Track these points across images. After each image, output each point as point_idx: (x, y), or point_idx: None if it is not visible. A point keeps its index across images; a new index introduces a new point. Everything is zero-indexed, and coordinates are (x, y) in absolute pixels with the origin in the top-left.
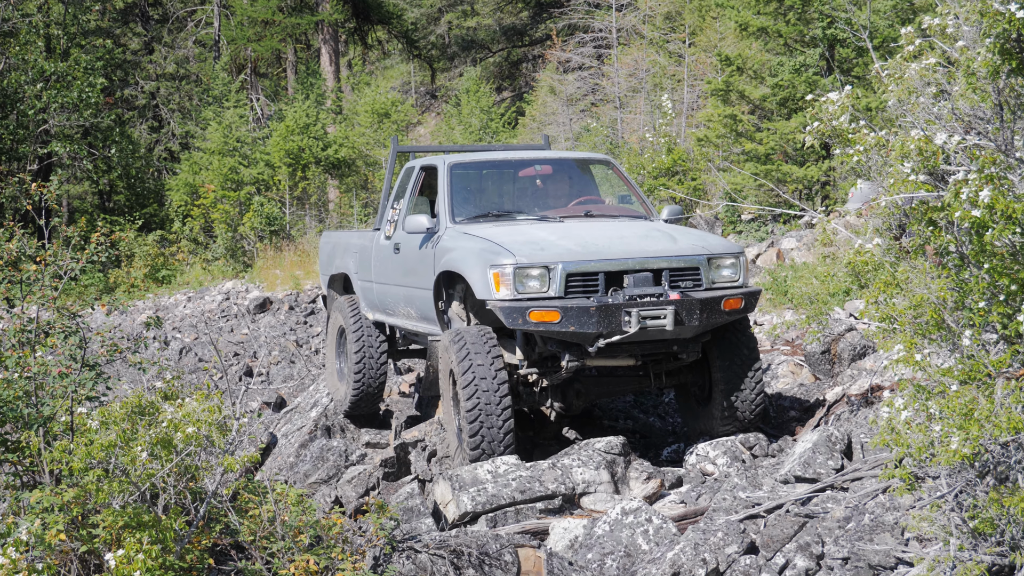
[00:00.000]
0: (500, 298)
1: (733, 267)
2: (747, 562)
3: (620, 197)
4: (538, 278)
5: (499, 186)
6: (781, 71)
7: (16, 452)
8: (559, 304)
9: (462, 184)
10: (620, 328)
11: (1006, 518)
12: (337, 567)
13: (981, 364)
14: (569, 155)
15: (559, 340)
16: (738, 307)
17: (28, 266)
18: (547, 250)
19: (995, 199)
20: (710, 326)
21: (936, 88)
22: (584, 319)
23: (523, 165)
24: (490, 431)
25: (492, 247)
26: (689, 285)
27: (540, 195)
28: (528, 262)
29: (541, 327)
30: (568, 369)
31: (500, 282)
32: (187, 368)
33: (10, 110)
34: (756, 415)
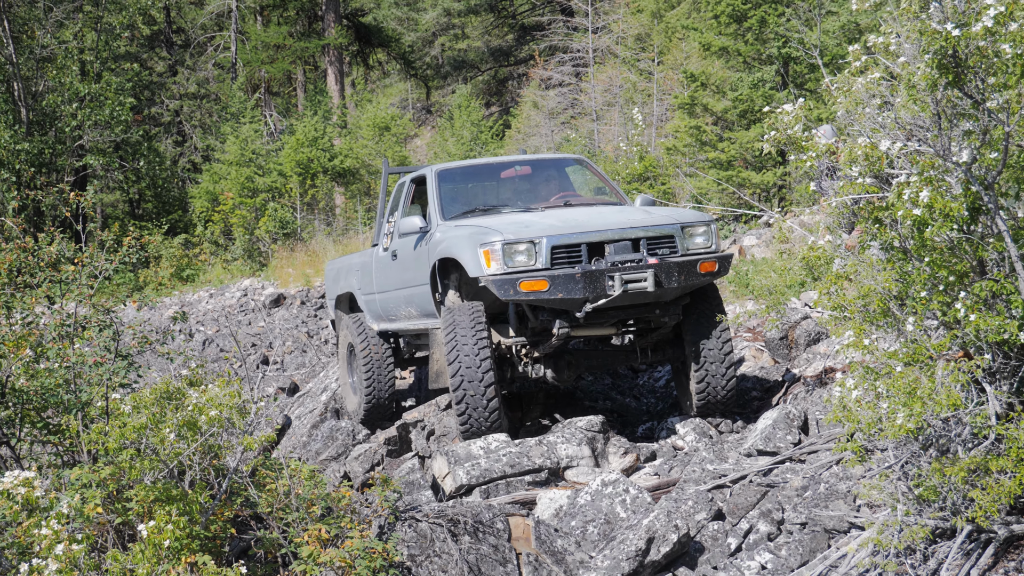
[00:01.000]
0: (491, 273)
1: (705, 235)
2: (715, 527)
3: (596, 190)
4: (525, 252)
5: (484, 187)
6: (741, 86)
7: (57, 434)
8: (547, 274)
9: (450, 187)
10: (605, 292)
11: (947, 486)
12: (346, 535)
13: (923, 348)
14: (546, 156)
15: (549, 309)
16: (713, 269)
17: (67, 267)
18: (532, 228)
19: (934, 199)
20: (689, 288)
21: (880, 100)
22: (571, 285)
23: (504, 167)
24: (476, 410)
25: (481, 230)
26: (666, 252)
27: (522, 191)
28: (515, 238)
29: (531, 296)
30: (559, 336)
31: (490, 258)
32: (210, 358)
33: (49, 127)
34: (729, 389)
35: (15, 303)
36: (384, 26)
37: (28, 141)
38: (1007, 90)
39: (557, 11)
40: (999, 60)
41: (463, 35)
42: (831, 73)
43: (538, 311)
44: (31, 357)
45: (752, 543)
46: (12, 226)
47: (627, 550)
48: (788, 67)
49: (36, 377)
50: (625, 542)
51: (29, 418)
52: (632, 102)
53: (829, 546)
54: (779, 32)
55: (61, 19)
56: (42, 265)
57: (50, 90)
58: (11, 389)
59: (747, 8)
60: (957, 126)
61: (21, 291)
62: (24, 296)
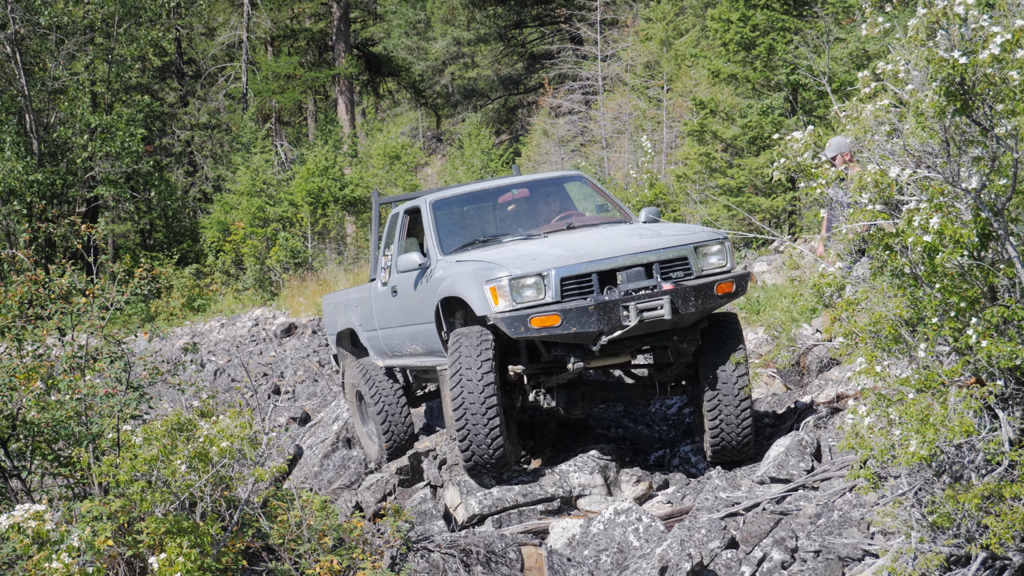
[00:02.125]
0: (500, 311)
1: (720, 253)
2: (728, 556)
3: (598, 207)
4: (534, 287)
5: (481, 215)
6: (750, 113)
7: (68, 466)
8: (558, 308)
9: (446, 219)
10: (620, 323)
11: (961, 513)
12: (358, 566)
13: (935, 374)
14: (543, 176)
15: (563, 343)
16: (730, 290)
17: (78, 299)
18: (538, 260)
19: (944, 225)
20: (707, 311)
21: (889, 127)
22: (584, 319)
23: (501, 192)
24: (479, 441)
25: (485, 265)
26: (680, 275)
27: (522, 217)
28: (522, 272)
29: (544, 332)
30: (573, 370)
31: (498, 295)
32: (221, 388)
33: (60, 159)
34: (744, 437)
35: (26, 335)
36: (394, 55)
37: (40, 172)
38: (1015, 116)
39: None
40: (1007, 87)
41: (473, 64)
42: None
43: (551, 345)
44: (42, 389)
45: (766, 571)
46: (24, 258)
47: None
48: (797, 94)
49: (47, 409)
50: (638, 571)
51: (40, 450)
52: (642, 129)
53: (843, 574)
54: (787, 59)
55: (73, 51)
56: (53, 297)
57: (61, 122)
58: (22, 421)
59: (755, 36)
60: (966, 153)
61: (32, 323)
62: (35, 328)
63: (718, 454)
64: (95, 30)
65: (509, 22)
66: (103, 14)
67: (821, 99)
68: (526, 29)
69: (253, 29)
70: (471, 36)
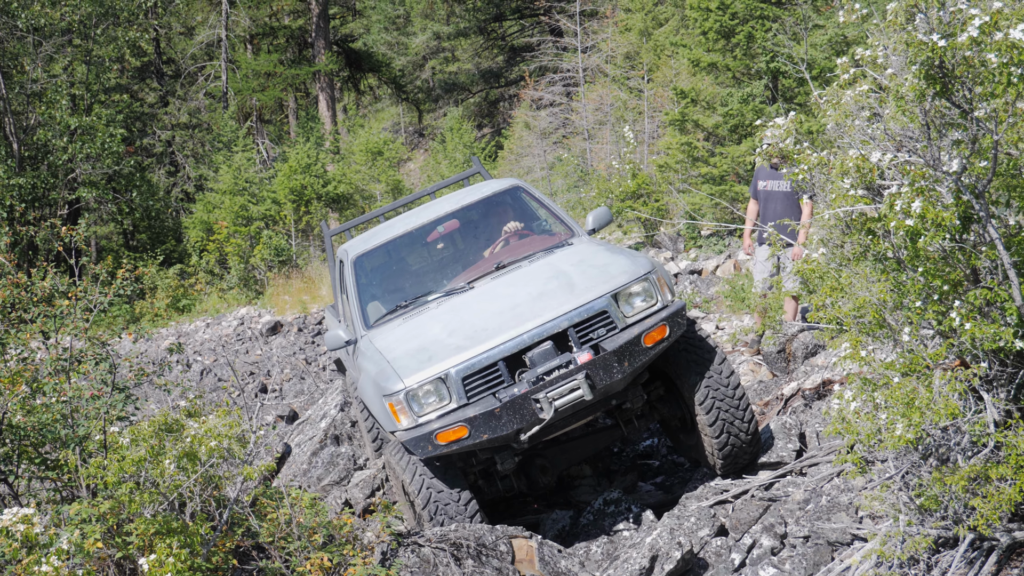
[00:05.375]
0: (404, 429)
1: (645, 291)
2: (718, 543)
3: (536, 224)
4: (435, 393)
5: (409, 260)
6: (731, 101)
7: (55, 469)
8: (463, 417)
9: (371, 276)
10: (536, 418)
11: (948, 495)
12: (349, 562)
13: (920, 357)
14: (473, 197)
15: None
16: (663, 336)
17: (61, 301)
18: (436, 356)
19: (926, 209)
20: (639, 369)
21: (869, 112)
22: (494, 423)
23: (428, 230)
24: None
25: (384, 370)
26: (602, 333)
27: (451, 257)
28: (418, 382)
29: (455, 446)
30: (506, 469)
31: (397, 412)
32: (207, 388)
33: (40, 161)
34: (752, 432)
35: (9, 339)
36: (374, 51)
37: (21, 176)
38: (994, 99)
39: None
40: (985, 69)
41: (453, 58)
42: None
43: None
44: (27, 393)
45: (756, 558)
46: (5, 262)
47: (631, 569)
48: (777, 81)
49: (33, 413)
50: (629, 561)
51: (27, 454)
52: (623, 120)
53: (832, 559)
54: (767, 47)
55: (51, 53)
56: (36, 300)
57: (41, 124)
58: (8, 426)
59: (735, 24)
60: (946, 136)
61: (15, 327)
62: (19, 332)
63: (730, 461)
64: (73, 32)
65: (488, 15)
66: (80, 15)
67: (801, 86)
68: (505, 22)
69: (232, 27)
70: (451, 30)
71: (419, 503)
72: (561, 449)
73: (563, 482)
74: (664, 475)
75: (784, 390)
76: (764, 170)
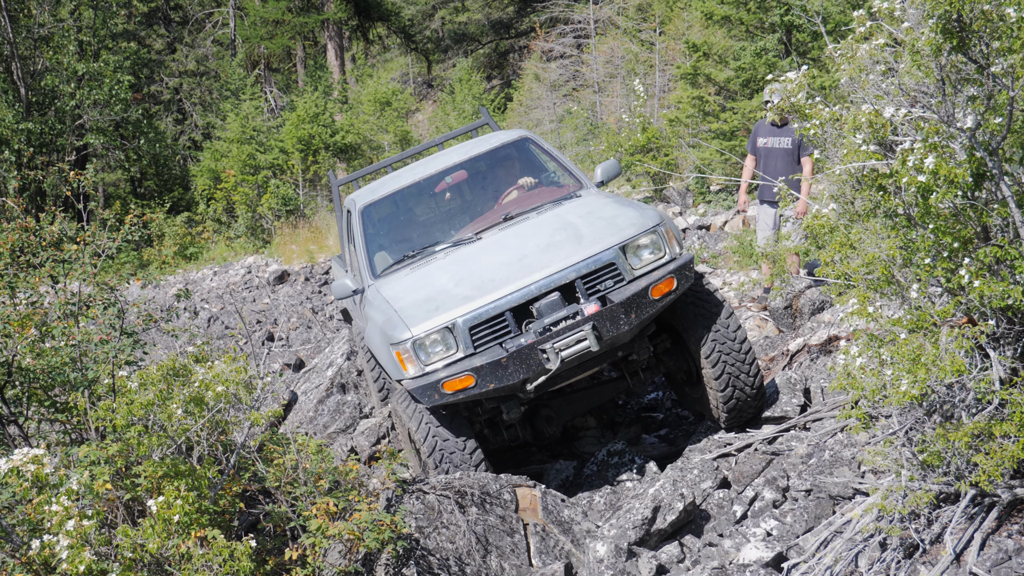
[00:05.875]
0: (410, 377)
1: (653, 244)
2: (720, 495)
3: (544, 176)
4: (442, 342)
5: (417, 211)
6: (743, 55)
7: (65, 412)
8: (470, 366)
9: (376, 227)
10: (543, 368)
11: (951, 451)
12: (354, 508)
13: (927, 314)
14: (481, 148)
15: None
16: (670, 289)
17: (69, 246)
18: (443, 306)
19: (939, 165)
20: (645, 321)
21: (884, 66)
22: (500, 373)
23: (436, 180)
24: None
25: (392, 319)
26: (610, 284)
27: (459, 207)
28: (425, 331)
29: (461, 395)
30: (511, 419)
31: (404, 361)
32: (215, 335)
33: (48, 107)
34: (757, 386)
35: (19, 283)
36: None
37: (30, 121)
38: (1012, 54)
39: None
40: (1004, 24)
41: (463, 8)
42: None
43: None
44: (36, 336)
45: (757, 510)
46: (13, 206)
47: (633, 519)
48: (791, 35)
49: (42, 356)
50: (631, 511)
51: (36, 397)
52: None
53: (834, 512)
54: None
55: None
56: (44, 245)
57: (48, 70)
58: (18, 368)
59: None
60: (961, 91)
61: (24, 271)
62: (27, 276)
63: (734, 415)
64: None
65: None
66: None
67: (815, 40)
68: None
69: None
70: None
71: (424, 451)
72: (566, 400)
73: (568, 433)
74: (668, 428)
75: (790, 346)
76: (764, 126)
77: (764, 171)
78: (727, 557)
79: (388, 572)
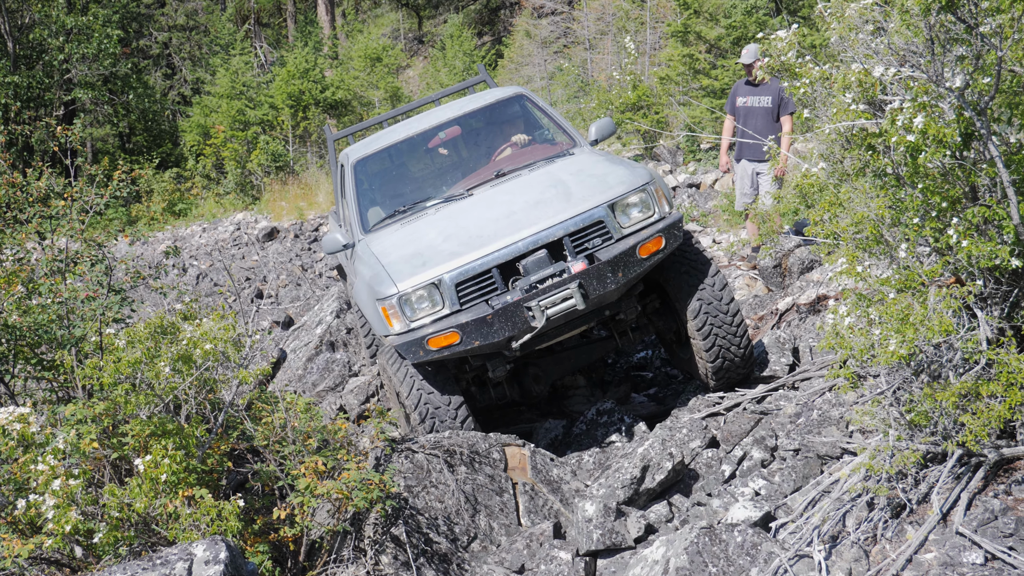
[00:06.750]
0: (396, 333)
1: (643, 202)
2: (709, 455)
3: (538, 133)
4: (428, 298)
5: (410, 166)
6: (734, 13)
7: (51, 370)
8: (455, 324)
9: (371, 181)
10: (528, 326)
11: (939, 411)
12: (343, 467)
13: (915, 274)
14: (476, 105)
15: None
16: (658, 248)
17: (57, 202)
18: (430, 262)
19: (928, 125)
20: (633, 280)
21: (874, 25)
22: (486, 330)
23: (430, 136)
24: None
25: (379, 274)
26: (598, 243)
27: (452, 165)
28: (411, 287)
29: (446, 351)
30: (497, 376)
31: (389, 316)
32: (203, 292)
33: (36, 61)
34: (745, 347)
35: (5, 239)
36: None
37: (16, 75)
38: (1000, 14)
39: None
40: None
41: None
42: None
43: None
44: (23, 293)
45: (746, 470)
46: (0, 162)
47: (622, 478)
48: None
49: (29, 313)
50: (620, 470)
51: (23, 354)
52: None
53: (822, 471)
54: None
55: None
56: (31, 200)
57: (36, 23)
58: (4, 325)
59: None
60: (950, 51)
61: (11, 227)
62: (14, 232)
63: (721, 376)
64: None
65: None
66: None
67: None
68: None
69: None
70: None
71: (409, 405)
72: (555, 359)
73: (557, 392)
74: (657, 387)
75: (779, 305)
76: (743, 86)
77: (743, 130)
78: (715, 517)
79: (377, 531)
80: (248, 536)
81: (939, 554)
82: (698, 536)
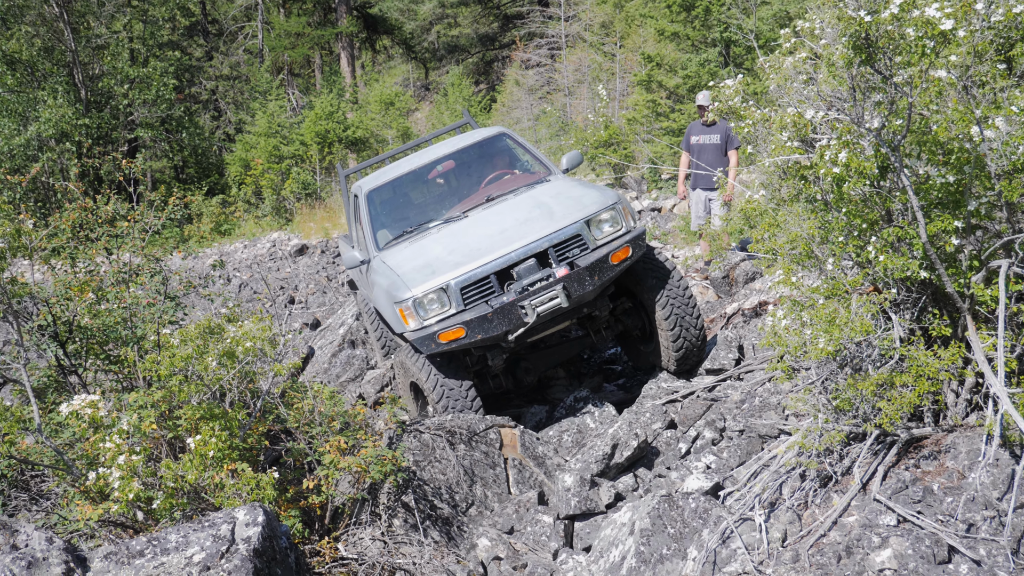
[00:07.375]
0: (411, 329)
1: (612, 219)
2: (668, 435)
3: (519, 164)
4: (437, 301)
5: (414, 195)
6: (689, 65)
7: (117, 364)
8: (461, 320)
9: (382, 207)
10: (521, 321)
11: (860, 398)
12: (362, 445)
13: (840, 284)
14: (466, 142)
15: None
16: (627, 256)
17: (122, 223)
18: (438, 270)
19: (850, 159)
20: (606, 282)
21: (806, 76)
22: (486, 325)
23: (429, 169)
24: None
25: (395, 282)
26: (576, 252)
27: (449, 191)
28: (423, 291)
29: (453, 344)
30: (496, 366)
31: (406, 316)
32: (245, 299)
33: (104, 105)
34: (701, 338)
35: (79, 254)
36: (388, 16)
37: (88, 117)
38: (911, 67)
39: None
40: (904, 42)
41: (456, 23)
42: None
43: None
44: (93, 300)
45: (699, 447)
46: (75, 189)
47: (596, 454)
48: (729, 49)
49: (98, 316)
50: (594, 448)
51: (93, 351)
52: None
53: (762, 449)
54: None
55: (112, 12)
56: (100, 222)
57: (105, 74)
58: (78, 327)
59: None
60: (870, 98)
61: (83, 244)
62: (86, 249)
63: (682, 362)
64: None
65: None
66: None
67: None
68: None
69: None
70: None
71: (428, 390)
72: (541, 354)
73: (542, 382)
74: (625, 378)
75: (727, 309)
76: (697, 126)
77: (697, 164)
78: (674, 486)
79: (390, 499)
80: (282, 503)
81: (860, 517)
82: (659, 503)
